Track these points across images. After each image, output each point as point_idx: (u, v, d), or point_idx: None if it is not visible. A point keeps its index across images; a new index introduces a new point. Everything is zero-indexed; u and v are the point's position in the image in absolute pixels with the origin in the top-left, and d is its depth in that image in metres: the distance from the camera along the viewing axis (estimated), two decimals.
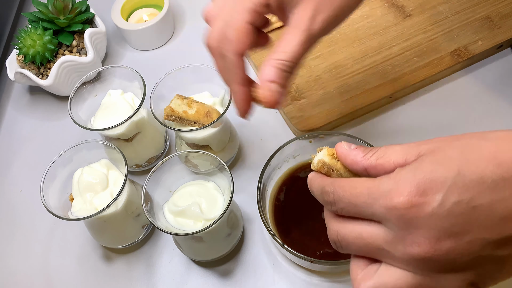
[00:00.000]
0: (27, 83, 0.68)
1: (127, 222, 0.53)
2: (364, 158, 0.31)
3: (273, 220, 0.52)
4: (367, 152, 0.31)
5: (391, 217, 0.28)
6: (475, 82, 0.65)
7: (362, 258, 0.32)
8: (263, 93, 0.36)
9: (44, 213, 0.48)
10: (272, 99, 0.36)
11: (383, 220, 0.29)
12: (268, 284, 0.53)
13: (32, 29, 0.65)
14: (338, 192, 0.31)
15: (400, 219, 0.27)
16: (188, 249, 0.52)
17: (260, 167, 0.51)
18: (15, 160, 0.67)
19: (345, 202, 0.30)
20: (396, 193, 0.28)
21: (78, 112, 0.56)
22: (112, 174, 0.52)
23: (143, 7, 0.78)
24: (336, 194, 0.31)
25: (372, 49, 0.67)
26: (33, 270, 0.57)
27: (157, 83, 0.55)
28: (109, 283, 0.55)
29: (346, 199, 0.30)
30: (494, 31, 0.66)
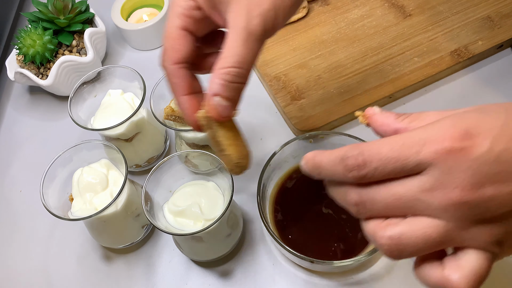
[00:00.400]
0: (27, 83, 0.68)
1: (127, 222, 0.53)
2: (396, 120, 0.30)
3: (273, 220, 0.52)
4: (400, 116, 0.31)
5: (438, 161, 0.27)
6: (475, 82, 0.65)
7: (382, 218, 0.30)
8: (207, 107, 0.34)
9: (44, 213, 0.48)
10: (217, 114, 0.34)
11: (428, 167, 0.27)
12: (268, 284, 0.53)
13: (32, 29, 0.65)
14: (369, 151, 0.29)
15: (446, 162, 0.27)
16: (188, 249, 0.52)
17: (260, 167, 0.51)
18: (15, 160, 0.67)
19: (381, 159, 0.28)
20: (445, 137, 0.27)
21: (78, 112, 0.56)
22: (112, 174, 0.52)
23: (143, 7, 0.78)
24: (367, 154, 0.29)
25: (372, 49, 0.67)
26: (33, 270, 0.57)
27: (157, 83, 0.55)
28: (109, 283, 0.55)
29: (382, 155, 0.28)
30: (494, 31, 0.66)
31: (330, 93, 0.63)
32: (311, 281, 0.52)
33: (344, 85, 0.64)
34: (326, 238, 0.51)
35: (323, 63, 0.67)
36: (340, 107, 0.62)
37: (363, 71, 0.65)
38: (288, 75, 0.66)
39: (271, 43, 0.70)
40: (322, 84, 0.64)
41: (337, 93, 0.63)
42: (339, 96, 0.63)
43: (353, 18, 0.71)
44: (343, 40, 0.69)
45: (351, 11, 0.72)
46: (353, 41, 0.69)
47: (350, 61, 0.67)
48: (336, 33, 0.70)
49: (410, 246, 0.28)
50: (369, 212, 0.30)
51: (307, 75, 0.66)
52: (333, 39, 0.69)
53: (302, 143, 0.54)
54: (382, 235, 0.29)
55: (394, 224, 0.29)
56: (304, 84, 0.65)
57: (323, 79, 0.65)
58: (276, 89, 0.65)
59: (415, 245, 0.28)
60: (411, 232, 0.28)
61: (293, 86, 0.65)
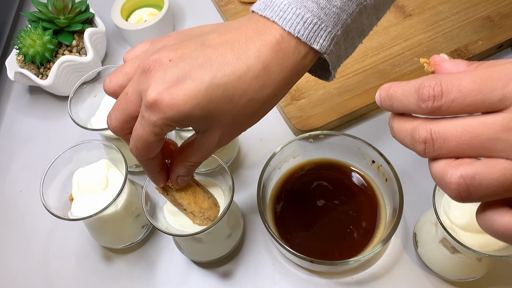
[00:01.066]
0: (27, 83, 0.68)
1: (127, 222, 0.53)
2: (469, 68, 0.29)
3: (273, 220, 0.52)
4: (472, 64, 0.29)
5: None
6: None
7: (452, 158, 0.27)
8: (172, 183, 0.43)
9: (44, 213, 0.48)
10: (180, 186, 0.43)
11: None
12: (268, 284, 0.53)
13: (32, 29, 0.65)
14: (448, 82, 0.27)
15: None
16: (188, 249, 0.52)
17: (260, 167, 0.51)
18: (15, 160, 0.67)
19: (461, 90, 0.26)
20: None
21: (78, 112, 0.56)
22: (112, 174, 0.52)
23: (143, 7, 0.78)
24: (445, 84, 0.27)
25: (372, 49, 0.67)
26: (33, 270, 0.57)
27: None
28: (109, 283, 0.55)
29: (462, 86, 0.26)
30: (494, 31, 0.66)
31: (330, 93, 0.63)
32: (311, 281, 0.52)
33: (344, 85, 0.64)
34: (326, 238, 0.51)
35: None
36: (340, 107, 0.62)
37: (363, 71, 0.65)
38: None
39: None
40: (322, 84, 0.64)
41: (337, 93, 0.63)
42: (339, 96, 0.63)
43: None
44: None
45: None
46: None
47: (350, 61, 0.67)
48: None
49: (483, 187, 0.26)
50: (438, 150, 0.28)
51: (307, 75, 0.66)
52: None
53: (302, 143, 0.54)
54: (453, 174, 0.26)
55: (468, 163, 0.26)
56: (304, 84, 0.65)
57: None
58: None
59: (488, 187, 0.26)
60: (486, 172, 0.26)
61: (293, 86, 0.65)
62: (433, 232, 0.48)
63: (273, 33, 0.34)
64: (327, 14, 0.34)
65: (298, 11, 0.34)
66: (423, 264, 0.51)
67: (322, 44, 0.35)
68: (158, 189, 0.46)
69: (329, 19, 0.35)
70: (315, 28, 0.34)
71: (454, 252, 0.45)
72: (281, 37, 0.34)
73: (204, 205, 0.47)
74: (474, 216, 0.42)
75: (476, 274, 0.48)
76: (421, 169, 0.58)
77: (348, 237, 0.50)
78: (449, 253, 0.46)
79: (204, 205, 0.47)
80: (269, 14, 0.35)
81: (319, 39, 0.35)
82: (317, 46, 0.35)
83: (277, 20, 0.34)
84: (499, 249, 0.42)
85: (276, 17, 0.34)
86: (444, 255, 0.47)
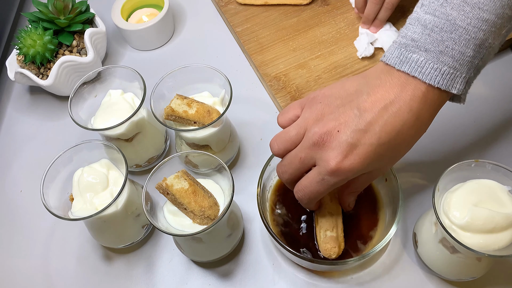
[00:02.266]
0: (27, 83, 0.68)
1: (127, 222, 0.53)
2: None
3: (273, 220, 0.52)
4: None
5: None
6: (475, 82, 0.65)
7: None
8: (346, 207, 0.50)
9: (44, 213, 0.48)
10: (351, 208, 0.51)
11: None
12: (268, 284, 0.53)
13: (32, 29, 0.65)
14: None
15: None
16: (189, 249, 0.52)
17: (260, 167, 0.51)
18: (15, 160, 0.67)
19: None
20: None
21: (78, 112, 0.56)
22: (112, 174, 0.52)
23: (143, 7, 0.78)
24: None
25: None
26: (33, 270, 0.57)
27: (157, 83, 0.55)
28: (109, 283, 0.55)
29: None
30: None
31: None
32: (311, 281, 0.53)
33: None
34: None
35: (323, 63, 0.67)
36: None
37: (363, 71, 0.65)
38: (288, 75, 0.66)
39: (271, 43, 0.70)
40: (322, 84, 0.65)
41: None
42: None
43: (353, 18, 0.71)
44: (343, 40, 0.69)
45: (351, 11, 0.72)
46: (353, 41, 0.69)
47: (350, 61, 0.67)
48: (336, 33, 0.70)
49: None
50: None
51: (307, 75, 0.66)
52: (333, 39, 0.69)
53: None
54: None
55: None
56: (304, 84, 0.65)
57: (322, 79, 0.65)
58: (276, 89, 0.65)
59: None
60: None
61: (293, 86, 0.65)
62: (432, 232, 0.48)
63: (418, 87, 0.39)
64: (462, 64, 0.39)
65: (436, 66, 0.38)
66: (422, 264, 0.51)
67: (458, 89, 0.39)
68: (159, 188, 0.47)
69: (463, 68, 0.39)
70: (452, 77, 0.39)
71: (454, 252, 0.45)
72: (426, 89, 0.39)
73: (204, 204, 0.47)
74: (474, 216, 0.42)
75: (476, 274, 0.48)
76: (421, 169, 0.58)
77: (348, 236, 0.50)
78: (448, 253, 0.46)
79: (204, 204, 0.47)
80: (407, 69, 0.39)
81: (456, 84, 0.39)
82: (455, 91, 0.39)
83: (417, 75, 0.39)
84: (498, 249, 0.42)
85: (415, 72, 0.39)
86: (444, 255, 0.47)
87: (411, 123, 0.39)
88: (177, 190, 0.47)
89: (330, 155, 0.40)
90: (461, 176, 0.46)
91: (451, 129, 0.61)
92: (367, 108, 0.40)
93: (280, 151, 0.45)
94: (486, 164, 0.45)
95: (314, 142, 0.41)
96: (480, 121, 0.61)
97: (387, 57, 0.41)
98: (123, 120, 0.53)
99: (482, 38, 0.38)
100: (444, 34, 0.38)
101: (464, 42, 0.38)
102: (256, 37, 0.72)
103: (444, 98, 0.41)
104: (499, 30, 0.39)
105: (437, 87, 0.39)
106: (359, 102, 0.40)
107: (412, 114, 0.39)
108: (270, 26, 0.73)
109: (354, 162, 0.40)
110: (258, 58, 0.69)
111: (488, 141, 0.60)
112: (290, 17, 0.73)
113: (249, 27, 0.73)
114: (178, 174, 0.47)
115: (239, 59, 0.72)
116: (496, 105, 0.62)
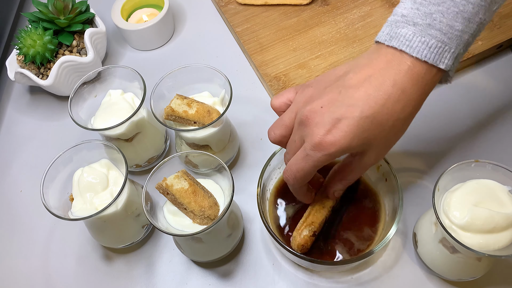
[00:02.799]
0: (27, 83, 0.68)
1: (127, 222, 0.53)
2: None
3: (273, 220, 0.52)
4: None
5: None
6: (475, 82, 0.65)
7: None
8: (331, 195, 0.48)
9: (44, 213, 0.48)
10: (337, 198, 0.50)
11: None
12: (268, 284, 0.53)
13: (32, 29, 0.65)
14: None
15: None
16: (189, 249, 0.52)
17: (260, 167, 0.51)
18: (15, 160, 0.67)
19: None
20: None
21: (78, 112, 0.56)
22: (112, 174, 0.52)
23: (143, 7, 0.78)
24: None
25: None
26: (33, 270, 0.57)
27: (157, 83, 0.55)
28: (109, 283, 0.55)
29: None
30: (494, 31, 0.66)
31: None
32: (311, 281, 0.53)
33: None
34: (326, 237, 0.51)
35: (323, 63, 0.67)
36: None
37: None
38: (288, 75, 0.66)
39: (271, 43, 0.70)
40: None
41: None
42: None
43: (353, 18, 0.71)
44: (343, 40, 0.69)
45: (351, 11, 0.72)
46: (353, 41, 0.69)
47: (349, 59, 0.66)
48: (336, 33, 0.70)
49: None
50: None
51: (307, 75, 0.66)
52: (333, 39, 0.69)
53: None
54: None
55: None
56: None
57: None
58: (276, 89, 0.65)
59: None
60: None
61: (293, 86, 0.65)
62: (432, 232, 0.48)
63: (404, 61, 0.39)
64: (450, 38, 0.38)
65: (423, 39, 0.38)
66: (422, 264, 0.51)
67: (447, 64, 0.39)
68: (159, 188, 0.47)
69: (452, 42, 0.38)
70: (440, 51, 0.38)
71: (454, 252, 0.45)
72: (412, 63, 0.38)
73: (204, 204, 0.47)
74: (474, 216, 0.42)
75: (476, 274, 0.48)
76: (420, 169, 0.58)
77: (348, 236, 0.50)
78: (448, 253, 0.46)
79: (204, 204, 0.47)
80: (396, 44, 0.39)
81: (444, 59, 0.38)
82: (443, 66, 0.39)
83: (405, 49, 0.38)
84: (498, 249, 0.42)
85: (403, 46, 0.38)
86: (444, 255, 0.47)
87: (396, 97, 0.38)
88: (177, 190, 0.47)
89: (314, 130, 0.39)
90: (461, 176, 0.46)
91: (451, 129, 0.61)
92: (351, 85, 0.39)
93: (276, 137, 0.45)
94: (486, 164, 0.45)
95: (301, 122, 0.41)
96: (480, 121, 0.61)
97: (378, 36, 0.41)
98: (123, 120, 0.53)
99: (472, 12, 0.38)
100: (432, 7, 0.38)
101: (452, 15, 0.37)
102: (256, 37, 0.72)
103: (433, 75, 0.39)
104: (490, 5, 0.38)
105: (424, 60, 0.38)
106: (345, 81, 0.40)
107: (397, 88, 0.38)
108: (270, 26, 0.73)
109: (336, 136, 0.39)
110: (258, 58, 0.69)
111: (488, 141, 0.60)
112: (290, 17, 0.73)
113: (249, 27, 0.73)
114: (178, 174, 0.47)
115: (239, 59, 0.72)
116: (496, 105, 0.62)
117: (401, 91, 0.38)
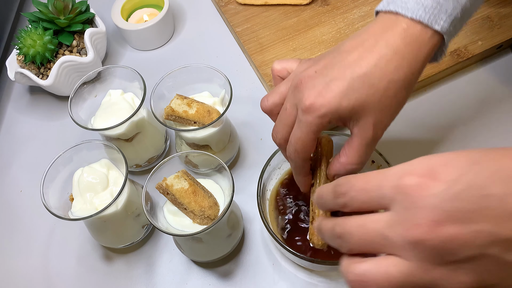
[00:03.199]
0: (27, 83, 0.68)
1: (127, 222, 0.53)
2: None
3: (273, 220, 0.52)
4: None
5: (398, 196, 0.28)
6: (474, 82, 0.65)
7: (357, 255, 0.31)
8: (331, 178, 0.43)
9: (44, 213, 0.48)
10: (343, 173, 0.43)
11: (391, 202, 0.28)
12: (268, 284, 0.53)
13: (32, 29, 0.65)
14: (351, 181, 0.32)
15: (406, 198, 0.27)
16: (189, 249, 0.52)
17: (260, 167, 0.51)
18: (15, 160, 0.67)
19: (357, 188, 0.31)
20: (406, 173, 0.28)
21: (78, 112, 0.56)
22: (112, 174, 0.52)
23: (143, 7, 0.78)
24: (350, 183, 0.32)
25: None
26: (33, 270, 0.57)
27: (157, 83, 0.55)
28: (109, 283, 0.55)
29: (358, 185, 0.31)
30: (494, 31, 0.66)
31: None
32: (311, 281, 0.53)
33: None
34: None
35: None
36: None
37: None
38: None
39: (271, 43, 0.70)
40: None
41: None
42: None
43: (353, 18, 0.71)
44: (343, 40, 0.69)
45: (351, 11, 0.72)
46: None
47: None
48: (336, 33, 0.70)
49: (373, 284, 0.28)
50: (348, 245, 0.31)
51: None
52: (333, 39, 0.70)
53: None
54: (349, 271, 0.30)
55: (360, 261, 0.30)
56: None
57: None
58: None
59: (377, 284, 0.28)
60: (374, 270, 0.29)
61: None
62: None
63: (399, 23, 0.38)
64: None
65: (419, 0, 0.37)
66: None
67: (442, 26, 0.37)
68: (159, 188, 0.47)
69: (448, 3, 0.37)
70: (436, 12, 0.37)
71: None
72: (406, 25, 0.37)
73: (204, 204, 0.47)
74: None
75: None
76: None
77: None
78: None
79: (204, 204, 0.47)
80: (393, 7, 0.38)
81: (440, 21, 0.37)
82: (438, 27, 0.37)
83: (400, 11, 0.37)
84: None
85: (398, 8, 0.38)
86: None
87: (388, 57, 0.37)
88: (177, 190, 0.47)
89: (305, 94, 0.38)
90: None
91: (450, 130, 0.61)
92: (346, 50, 0.39)
93: (268, 104, 0.43)
94: None
95: (295, 87, 0.40)
96: (480, 121, 0.61)
97: (378, 6, 0.40)
98: (123, 120, 0.53)
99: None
100: None
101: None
102: (256, 37, 0.72)
103: (429, 37, 0.37)
104: None
105: (419, 21, 0.37)
106: (341, 47, 0.40)
107: (389, 49, 0.37)
108: (270, 26, 0.73)
109: (326, 96, 0.37)
110: (258, 58, 0.69)
111: (488, 141, 0.60)
112: (290, 17, 0.73)
113: (249, 27, 0.73)
114: (178, 174, 0.47)
115: (239, 59, 0.73)
116: (496, 105, 0.62)
117: (394, 51, 0.37)
